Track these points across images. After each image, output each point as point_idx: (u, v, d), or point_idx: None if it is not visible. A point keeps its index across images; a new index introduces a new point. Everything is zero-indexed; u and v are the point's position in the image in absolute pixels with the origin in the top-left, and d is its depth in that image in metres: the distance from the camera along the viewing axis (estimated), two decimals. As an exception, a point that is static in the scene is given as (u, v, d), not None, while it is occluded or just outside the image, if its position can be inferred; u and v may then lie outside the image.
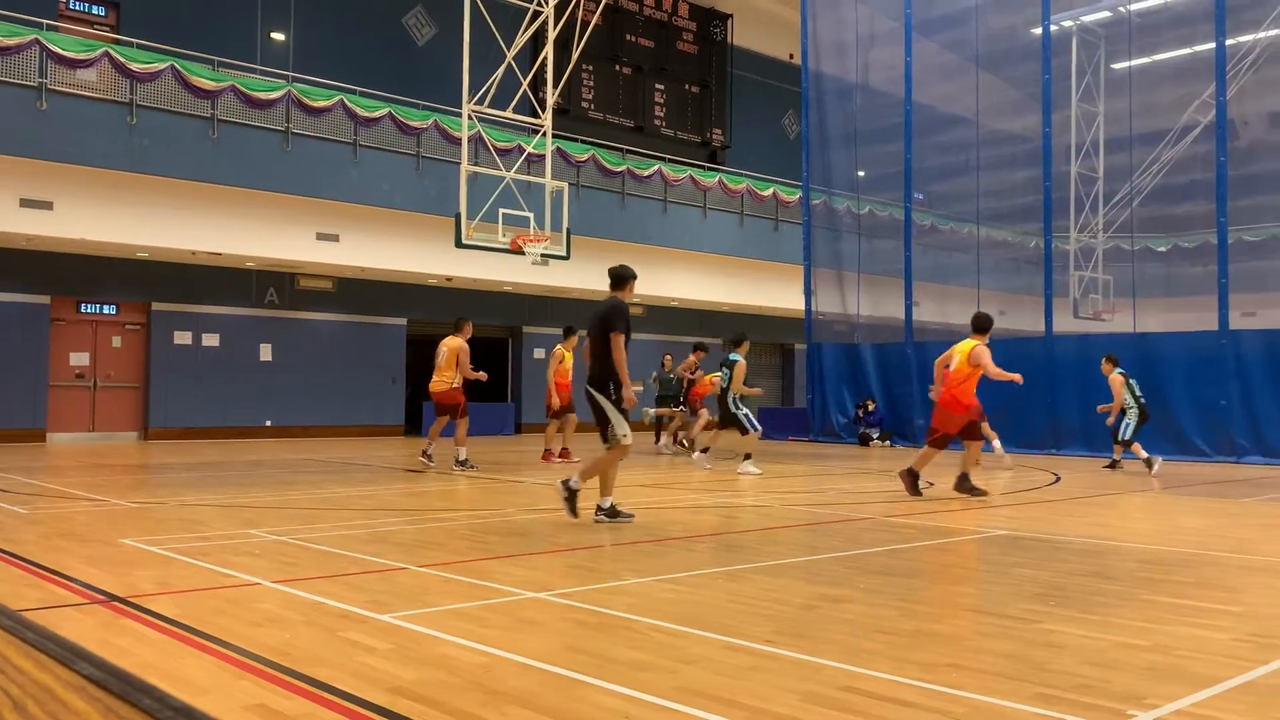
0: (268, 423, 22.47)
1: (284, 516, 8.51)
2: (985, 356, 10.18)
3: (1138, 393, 14.43)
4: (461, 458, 13.56)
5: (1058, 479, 13.21)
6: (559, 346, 15.36)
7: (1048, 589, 5.52)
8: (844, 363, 22.80)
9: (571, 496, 8.10)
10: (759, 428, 14.19)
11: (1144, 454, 14.13)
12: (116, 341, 21.02)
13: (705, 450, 14.88)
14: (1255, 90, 20.41)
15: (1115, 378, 14.41)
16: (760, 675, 3.77)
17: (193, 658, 3.99)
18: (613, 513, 8.09)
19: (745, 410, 13.93)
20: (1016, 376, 10.47)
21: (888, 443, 21.16)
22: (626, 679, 3.69)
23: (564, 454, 15.36)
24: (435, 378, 13.75)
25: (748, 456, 13.58)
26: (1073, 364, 18.75)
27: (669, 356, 20.19)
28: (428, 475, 12.85)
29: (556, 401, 15.08)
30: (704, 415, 18.29)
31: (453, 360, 13.57)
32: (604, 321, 8.16)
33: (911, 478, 10.31)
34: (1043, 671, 3.84)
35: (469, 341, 14.14)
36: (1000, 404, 19.40)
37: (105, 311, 20.90)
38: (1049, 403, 18.62)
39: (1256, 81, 19.87)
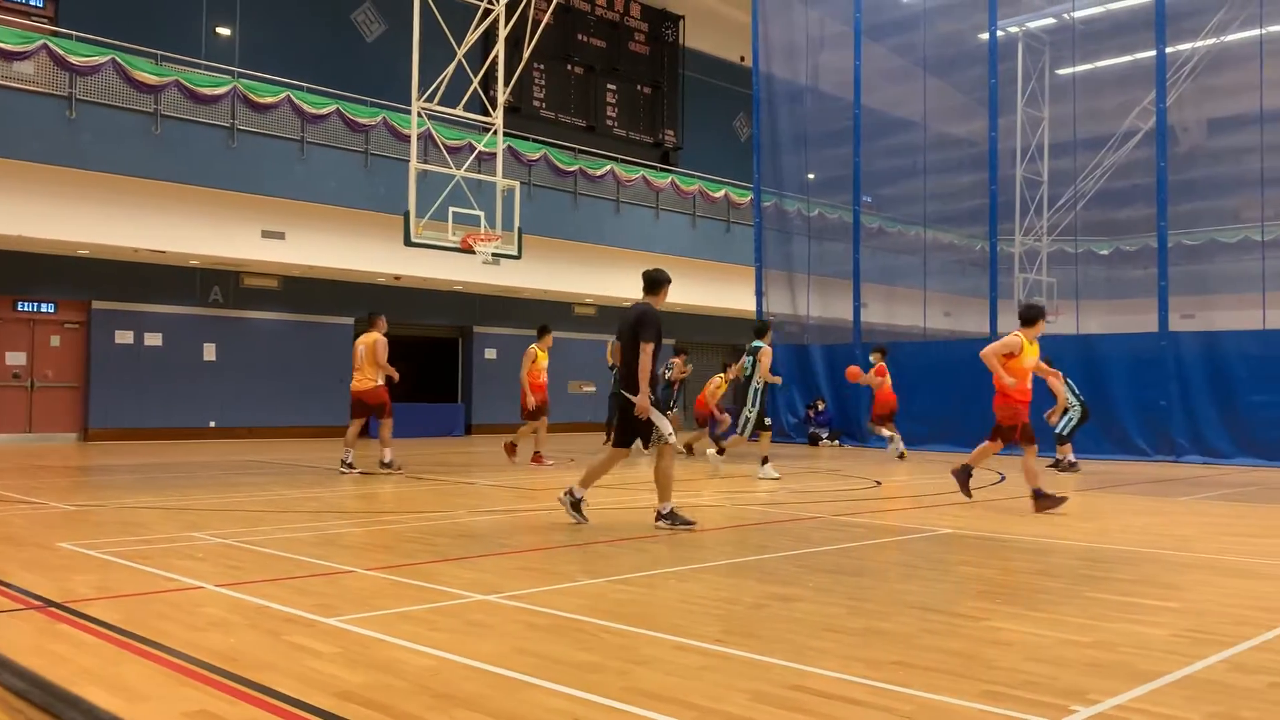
0: (212, 424, 22.12)
1: (228, 519, 8.37)
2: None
3: (1076, 392, 14.71)
4: (386, 459, 13.20)
5: (1002, 478, 13.41)
6: (533, 346, 14.94)
7: (993, 587, 5.59)
8: (794, 363, 22.95)
9: (576, 505, 8.00)
10: (769, 426, 13.46)
11: (1071, 457, 14.46)
12: (55, 341, 20.56)
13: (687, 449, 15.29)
14: (1194, 97, 20.87)
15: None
16: (710, 675, 3.77)
17: (133, 664, 3.91)
18: (673, 518, 7.79)
19: (756, 408, 13.14)
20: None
21: (837, 442, 21.35)
22: (576, 680, 3.67)
23: (535, 458, 14.89)
24: (356, 376, 13.21)
25: (765, 460, 12.84)
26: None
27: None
28: (376, 477, 12.71)
29: (532, 401, 14.63)
30: (725, 418, 18.28)
31: (371, 356, 13.04)
32: (635, 328, 8.10)
33: (966, 475, 10.16)
34: (989, 669, 3.89)
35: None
36: (946, 404, 19.72)
37: (43, 310, 20.43)
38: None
39: (1195, 89, 20.32)
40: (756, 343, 13.42)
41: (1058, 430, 14.51)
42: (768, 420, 13.15)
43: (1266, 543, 7.53)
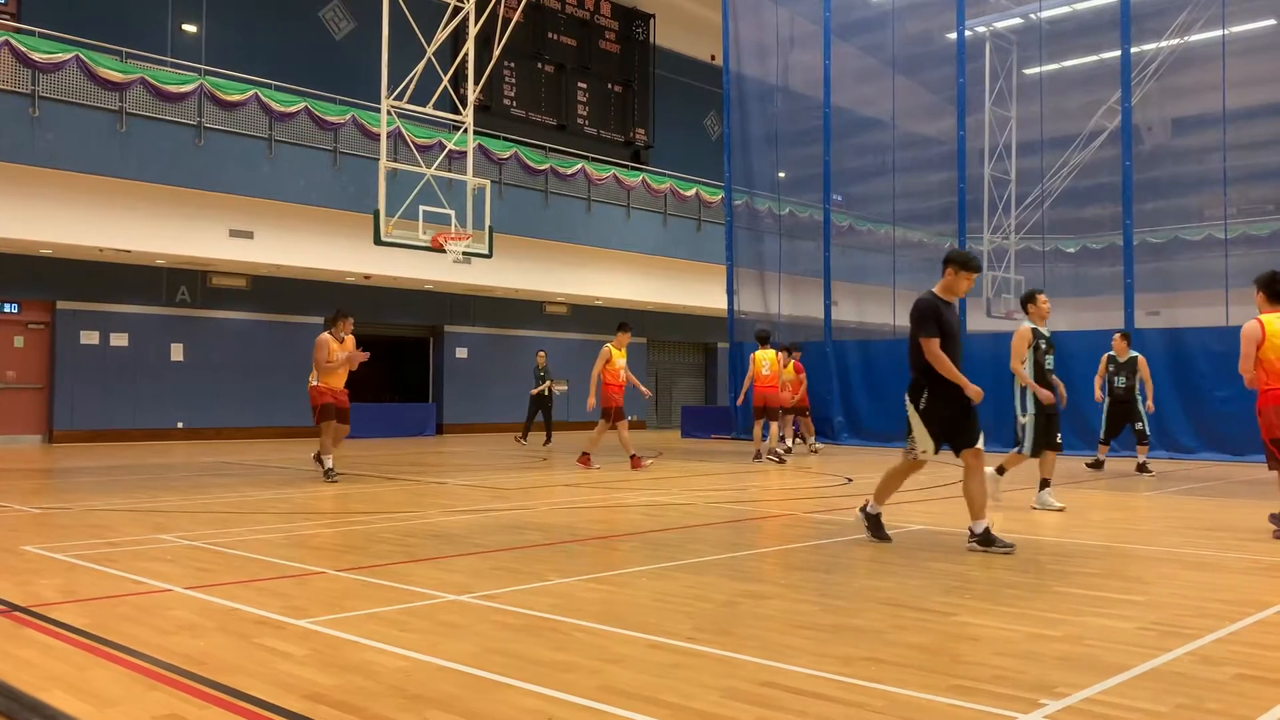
0: (179, 425, 21.90)
1: (196, 521, 8.29)
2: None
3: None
4: (328, 465, 12.21)
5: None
6: (608, 344, 14.25)
7: (963, 582, 5.64)
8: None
9: (874, 522, 7.28)
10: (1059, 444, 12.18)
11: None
12: (19, 341, 20.28)
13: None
14: (1158, 97, 21.16)
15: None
16: (682, 673, 3.78)
17: (101, 668, 3.86)
18: (988, 540, 6.68)
19: (1033, 416, 11.16)
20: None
21: (813, 440, 21.42)
22: (549, 680, 3.67)
23: (582, 459, 14.26)
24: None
25: (1045, 484, 11.01)
26: (986, 362, 19.17)
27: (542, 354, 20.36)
28: (345, 478, 12.64)
29: (591, 401, 13.98)
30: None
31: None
32: (912, 322, 6.99)
33: None
34: (959, 663, 3.92)
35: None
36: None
37: (6, 310, 20.15)
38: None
39: (1159, 89, 20.60)
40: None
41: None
42: (1059, 437, 9.97)
43: (1229, 537, 7.64)
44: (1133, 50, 18.61)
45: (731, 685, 3.61)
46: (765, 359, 16.07)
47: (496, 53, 18.88)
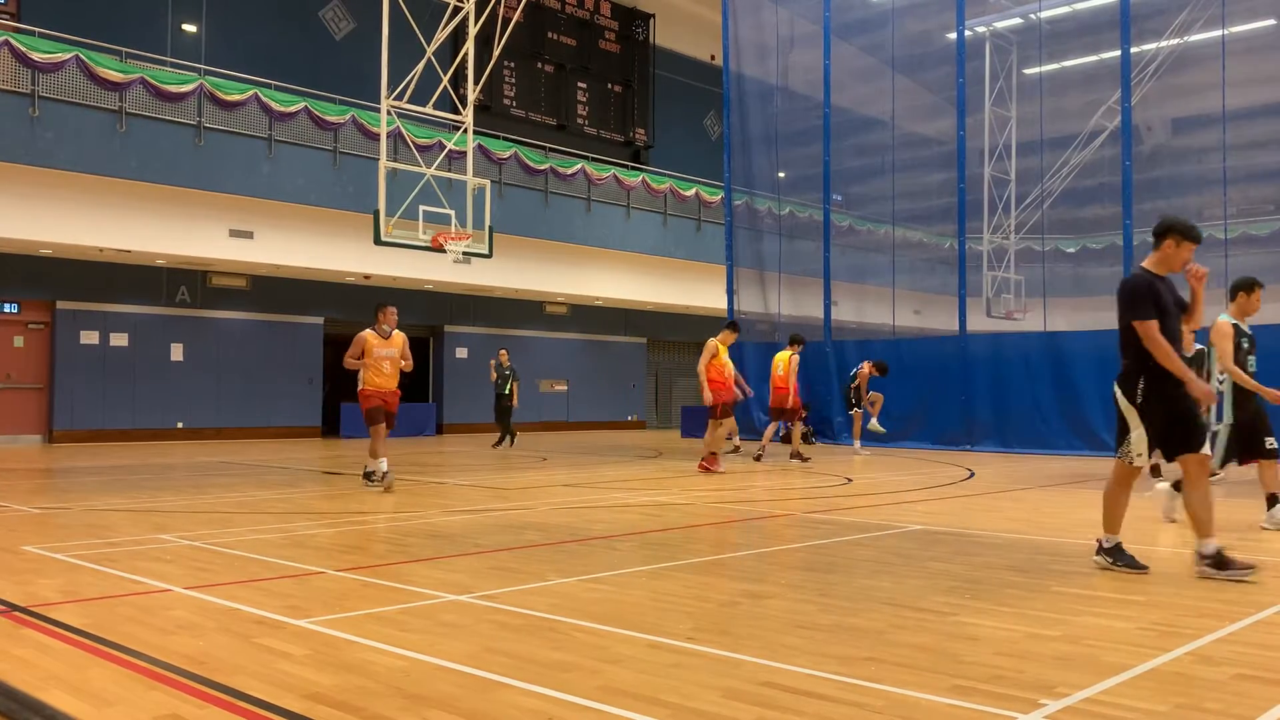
0: (179, 425, 21.90)
1: (196, 521, 8.29)
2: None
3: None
4: (382, 468, 11.06)
5: (971, 474, 13.52)
6: (713, 339, 13.63)
7: (962, 582, 5.64)
8: (765, 362, 23.02)
9: (1118, 553, 6.10)
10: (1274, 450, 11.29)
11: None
12: (19, 341, 20.28)
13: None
14: (1158, 97, 21.13)
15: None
16: (682, 673, 3.78)
17: (100, 668, 3.86)
18: (1220, 562, 5.77)
19: (1231, 421, 10.81)
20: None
21: (810, 440, 21.42)
22: (548, 680, 3.67)
23: (710, 461, 13.65)
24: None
25: (1275, 499, 10.42)
26: (986, 362, 19.23)
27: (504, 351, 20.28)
28: (344, 478, 12.62)
29: (708, 396, 13.37)
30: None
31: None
32: (1121, 304, 6.02)
33: None
34: (958, 663, 3.92)
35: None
36: (915, 401, 19.87)
37: (7, 310, 20.16)
38: (963, 400, 19.05)
39: (1159, 88, 20.58)
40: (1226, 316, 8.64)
41: None
42: (1272, 441, 8.25)
43: (1229, 536, 7.64)
44: (1132, 50, 18.60)
45: (731, 685, 3.61)
46: (781, 360, 16.04)
47: (496, 53, 18.88)
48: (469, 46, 17.58)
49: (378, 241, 16.46)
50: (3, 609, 4.86)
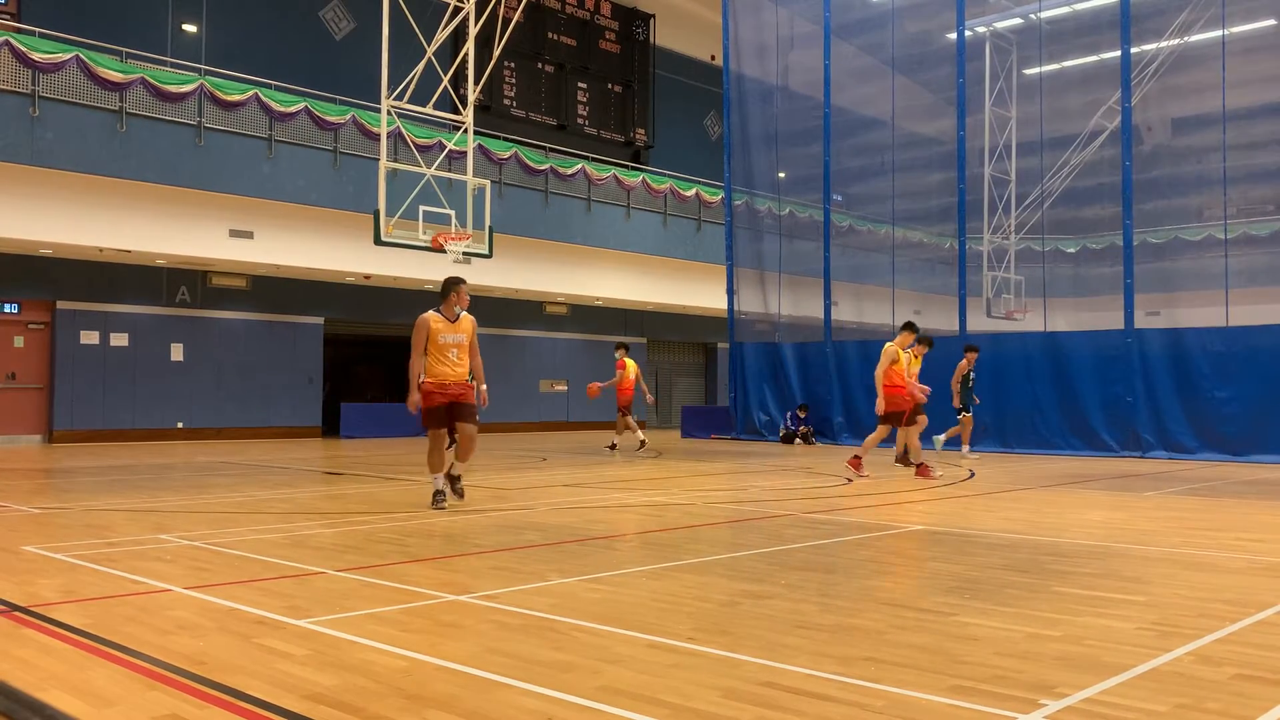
0: (179, 425, 21.91)
1: (196, 521, 8.29)
2: None
3: None
4: (438, 485, 9.38)
5: (972, 475, 13.52)
6: (890, 345, 12.91)
7: (962, 582, 5.64)
8: (765, 361, 23.05)
9: None
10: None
11: None
12: (19, 341, 20.29)
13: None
14: (1158, 97, 21.13)
15: None
16: (682, 673, 3.78)
17: (100, 668, 3.86)
18: None
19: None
20: None
21: (811, 440, 21.42)
22: (549, 680, 3.67)
23: (921, 469, 12.78)
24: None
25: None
26: (986, 362, 19.22)
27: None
28: (345, 478, 12.62)
29: (882, 405, 12.62)
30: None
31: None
32: None
33: None
34: (958, 663, 3.92)
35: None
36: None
37: (7, 310, 20.16)
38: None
39: (1159, 89, 20.58)
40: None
41: None
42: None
43: (1229, 537, 7.64)
44: (1132, 50, 18.62)
45: (731, 685, 3.61)
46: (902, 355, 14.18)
47: (496, 53, 18.89)
48: (469, 46, 17.59)
49: (378, 241, 16.47)
50: (3, 609, 4.86)
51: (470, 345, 9.35)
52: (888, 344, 12.97)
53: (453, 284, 9.38)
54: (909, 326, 13.12)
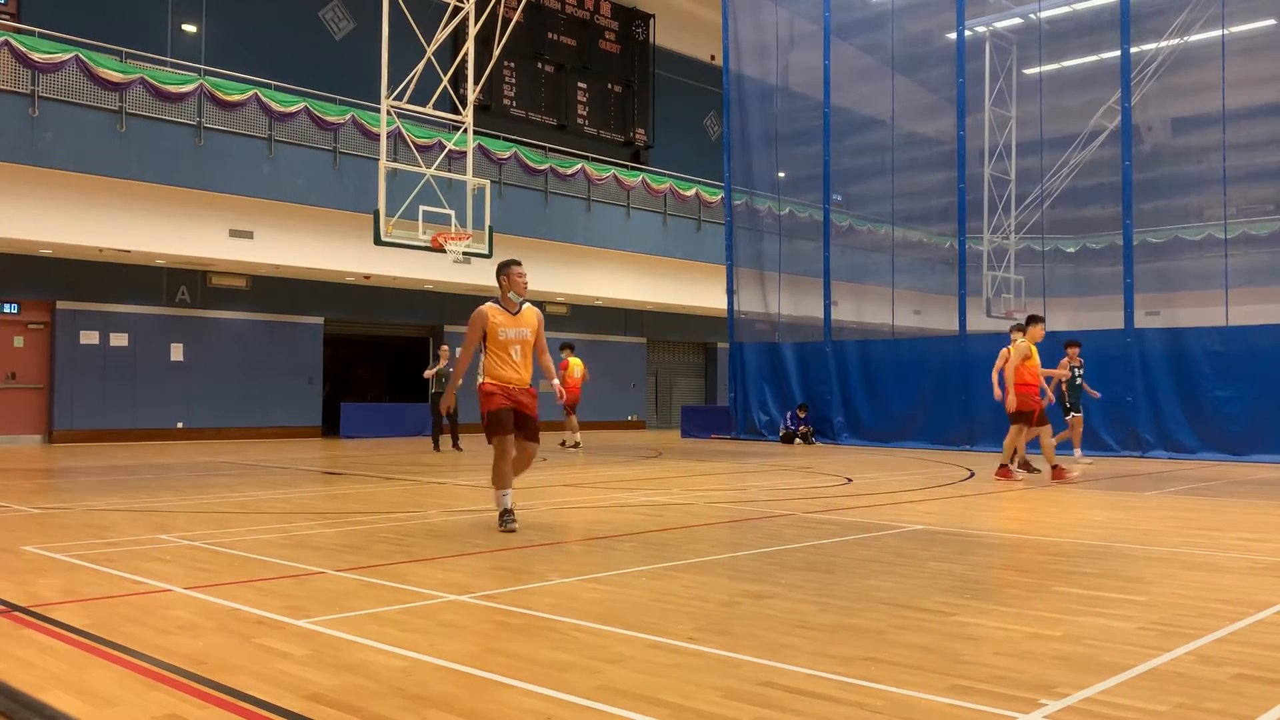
0: (179, 425, 21.91)
1: (196, 521, 8.29)
2: None
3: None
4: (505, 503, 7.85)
5: (971, 474, 13.52)
6: (1022, 340, 12.14)
7: (962, 582, 5.64)
8: (765, 361, 23.05)
9: None
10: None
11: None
12: (19, 341, 20.29)
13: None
14: (1158, 97, 21.15)
15: None
16: (682, 673, 3.78)
17: (101, 668, 3.86)
18: None
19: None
20: None
21: (811, 440, 21.42)
22: (549, 680, 3.67)
23: (1010, 469, 12.45)
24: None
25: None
26: (986, 362, 19.18)
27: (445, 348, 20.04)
28: (344, 478, 12.62)
29: (1013, 401, 11.99)
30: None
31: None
32: None
33: None
34: (958, 663, 3.92)
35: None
36: (915, 401, 19.87)
37: (7, 310, 20.16)
38: (963, 400, 19.05)
39: (1159, 88, 20.59)
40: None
41: None
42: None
43: (1229, 537, 7.64)
44: (1132, 50, 18.61)
45: (731, 685, 3.61)
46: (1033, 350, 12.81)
47: (496, 53, 18.90)
48: (469, 46, 17.59)
49: (378, 241, 16.48)
50: (3, 609, 4.86)
51: (537, 343, 7.89)
52: (1018, 339, 12.18)
53: (504, 267, 7.82)
54: (1037, 320, 12.32)
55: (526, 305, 7.86)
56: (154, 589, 5.38)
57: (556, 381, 8.09)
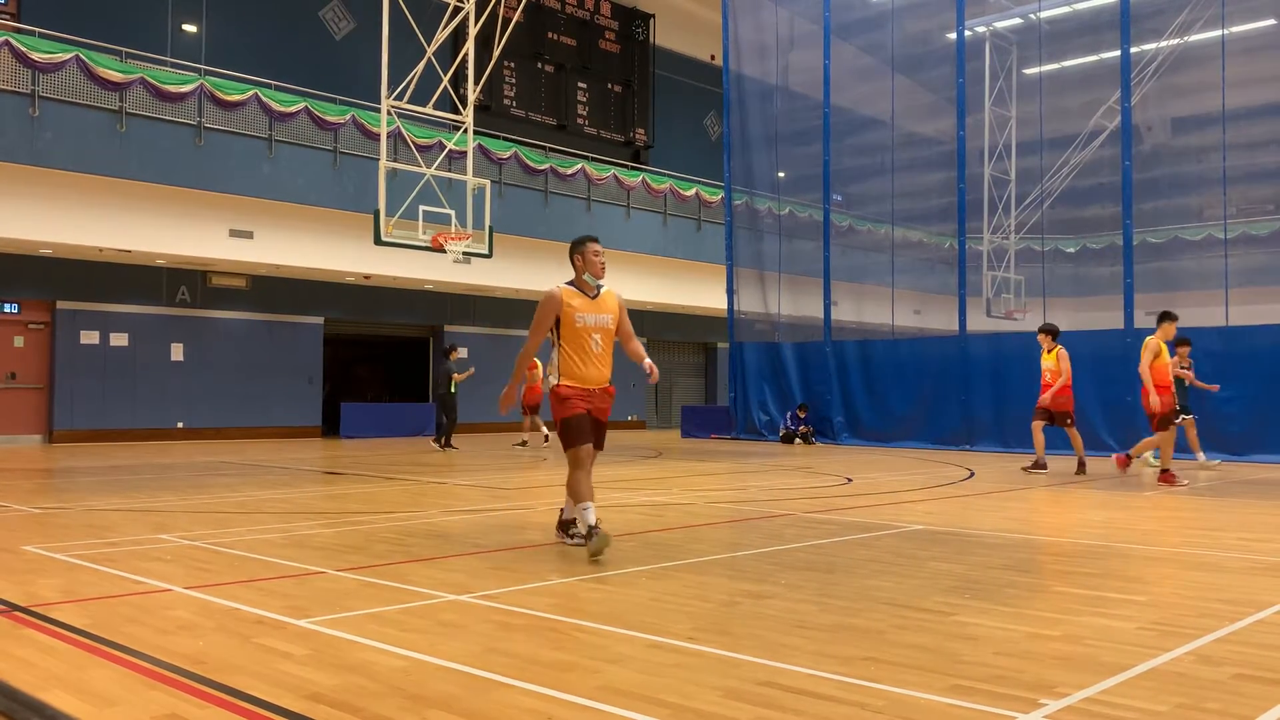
0: (179, 425, 21.91)
1: (196, 520, 8.29)
2: None
3: None
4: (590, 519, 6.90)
5: (971, 474, 13.52)
6: (1152, 338, 11.81)
7: (962, 582, 5.64)
8: (765, 361, 23.05)
9: None
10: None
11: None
12: (19, 341, 20.29)
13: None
14: (1158, 97, 21.15)
15: None
16: (682, 672, 3.78)
17: (101, 668, 3.86)
18: None
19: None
20: None
21: (810, 440, 21.42)
22: (549, 680, 3.67)
23: (1164, 476, 11.96)
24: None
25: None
26: (986, 362, 19.25)
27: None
28: (344, 478, 12.62)
29: (1154, 403, 11.58)
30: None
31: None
32: None
33: None
34: (958, 663, 3.92)
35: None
36: (915, 400, 19.86)
37: (7, 310, 20.16)
38: (963, 399, 19.05)
39: (1159, 88, 20.60)
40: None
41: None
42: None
43: (1229, 537, 7.64)
44: (1132, 50, 18.61)
45: (731, 685, 3.61)
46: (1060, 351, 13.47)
47: (496, 53, 18.91)
48: (469, 46, 17.60)
49: (378, 241, 16.48)
50: (3, 609, 4.86)
51: (621, 329, 6.89)
52: (1149, 337, 11.84)
53: (578, 244, 6.79)
54: (1171, 316, 11.88)
55: (606, 288, 6.85)
56: (154, 589, 5.38)
57: (649, 361, 6.92)
